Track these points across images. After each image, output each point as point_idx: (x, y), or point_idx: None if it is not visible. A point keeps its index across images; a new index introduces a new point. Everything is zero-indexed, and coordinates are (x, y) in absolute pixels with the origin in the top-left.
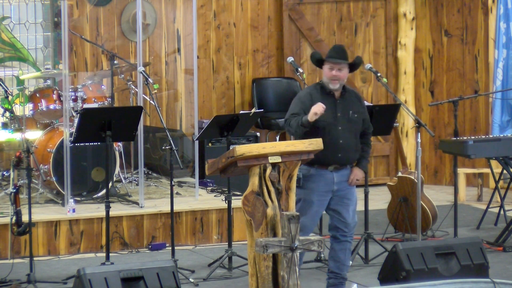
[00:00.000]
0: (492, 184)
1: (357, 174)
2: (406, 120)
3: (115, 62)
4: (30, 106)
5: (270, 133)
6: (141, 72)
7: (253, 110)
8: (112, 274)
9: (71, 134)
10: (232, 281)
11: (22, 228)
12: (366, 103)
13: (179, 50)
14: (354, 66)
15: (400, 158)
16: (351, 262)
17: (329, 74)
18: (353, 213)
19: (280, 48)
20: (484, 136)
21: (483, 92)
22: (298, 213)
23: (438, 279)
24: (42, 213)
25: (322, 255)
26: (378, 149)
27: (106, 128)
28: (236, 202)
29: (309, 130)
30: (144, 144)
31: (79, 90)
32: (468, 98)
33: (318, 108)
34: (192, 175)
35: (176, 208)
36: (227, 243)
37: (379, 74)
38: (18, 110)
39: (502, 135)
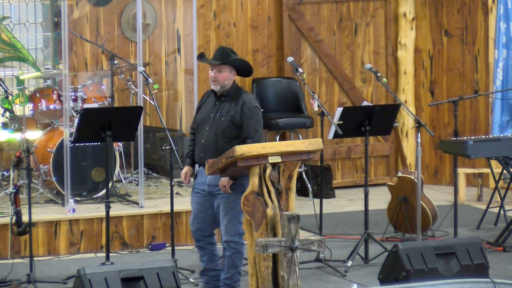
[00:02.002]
0: (492, 184)
1: (222, 180)
2: (406, 120)
3: (115, 62)
4: (30, 106)
5: (270, 133)
6: (141, 72)
7: None
8: (112, 274)
9: (71, 134)
10: None
11: (22, 228)
12: (366, 103)
13: (179, 50)
14: (243, 69)
15: (400, 158)
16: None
17: (209, 75)
18: (225, 221)
19: (280, 48)
20: (484, 136)
21: (483, 92)
22: (298, 213)
23: (438, 279)
24: (42, 213)
25: (322, 255)
26: (378, 149)
27: (106, 128)
28: None
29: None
30: (144, 144)
31: (79, 90)
32: (468, 98)
33: (181, 176)
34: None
35: (176, 208)
36: None
37: (379, 74)
38: (18, 110)
39: (502, 135)
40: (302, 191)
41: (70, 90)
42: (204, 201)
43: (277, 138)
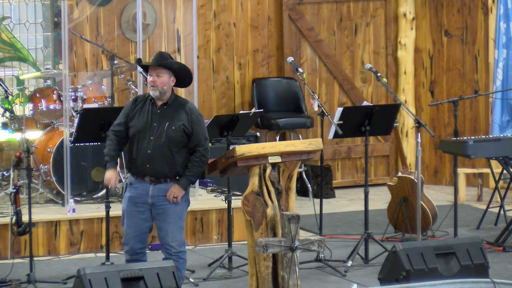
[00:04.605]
0: (492, 184)
1: (173, 190)
2: (406, 120)
3: (115, 62)
4: (30, 106)
5: (270, 133)
6: (141, 72)
7: (253, 110)
8: (112, 274)
9: (71, 134)
10: (232, 281)
11: (22, 228)
12: (366, 103)
13: (179, 50)
14: (181, 74)
15: (400, 158)
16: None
17: (148, 80)
18: (173, 231)
19: (280, 48)
20: (484, 136)
21: (483, 92)
22: (298, 213)
23: (438, 279)
24: (42, 213)
25: (322, 255)
26: (378, 149)
27: (106, 128)
28: (236, 202)
29: (125, 138)
30: None
31: (79, 90)
32: (468, 98)
33: (108, 181)
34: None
35: None
36: (227, 243)
37: (379, 74)
38: (18, 110)
39: (502, 135)
40: (302, 191)
41: (70, 90)
42: (145, 214)
43: (277, 138)
